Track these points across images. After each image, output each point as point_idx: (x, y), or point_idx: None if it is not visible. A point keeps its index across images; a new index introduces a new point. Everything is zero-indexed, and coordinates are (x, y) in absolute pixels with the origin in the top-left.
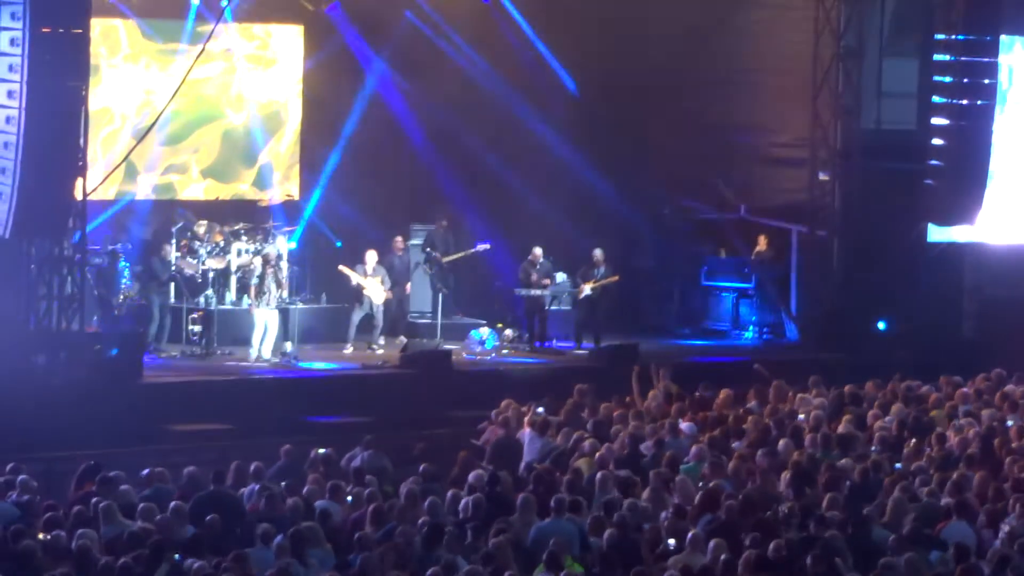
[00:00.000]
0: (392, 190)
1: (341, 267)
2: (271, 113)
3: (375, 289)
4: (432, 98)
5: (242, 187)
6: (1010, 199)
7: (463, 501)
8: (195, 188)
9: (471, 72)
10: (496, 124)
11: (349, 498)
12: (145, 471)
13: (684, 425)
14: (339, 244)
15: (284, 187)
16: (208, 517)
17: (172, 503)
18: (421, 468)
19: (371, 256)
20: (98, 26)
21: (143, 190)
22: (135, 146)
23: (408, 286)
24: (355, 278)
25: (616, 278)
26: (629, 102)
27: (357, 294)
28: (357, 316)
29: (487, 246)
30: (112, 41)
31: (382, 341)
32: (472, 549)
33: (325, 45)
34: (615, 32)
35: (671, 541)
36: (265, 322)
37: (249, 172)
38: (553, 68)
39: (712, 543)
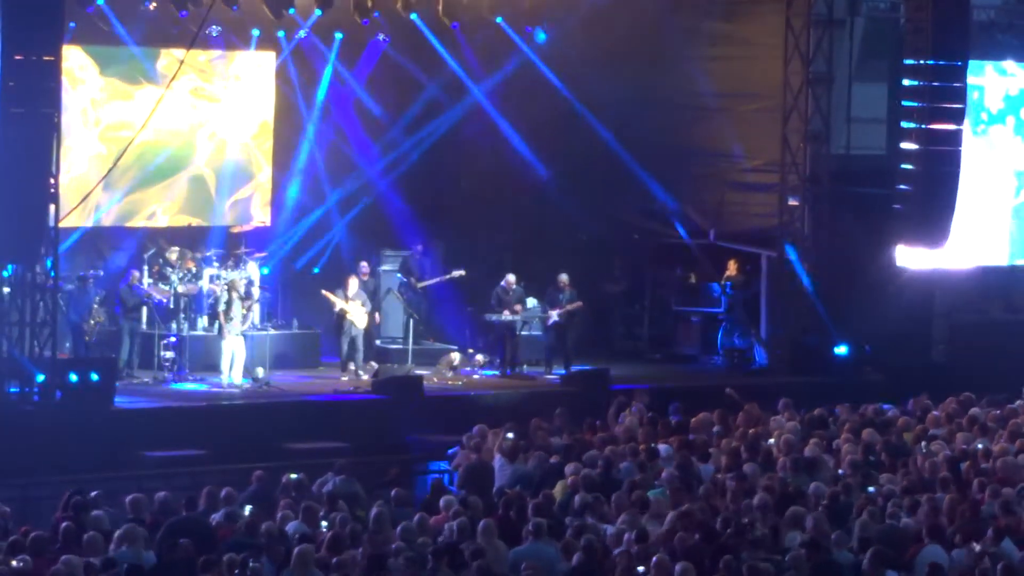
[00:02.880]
0: (365, 215)
1: (324, 292)
2: (243, 146)
3: (358, 313)
4: (403, 124)
5: (219, 217)
6: (980, 222)
7: (446, 526)
8: (166, 217)
9: (440, 98)
10: (468, 148)
11: (324, 523)
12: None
13: (661, 447)
14: (316, 270)
15: (256, 214)
16: (181, 542)
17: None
18: (392, 493)
19: (352, 282)
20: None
21: (114, 217)
22: (106, 174)
23: (377, 314)
24: (338, 303)
25: (580, 304)
26: (599, 127)
27: (338, 320)
28: (345, 342)
29: (462, 272)
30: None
31: (365, 367)
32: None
33: (297, 69)
34: (585, 56)
35: (640, 569)
36: (232, 348)
37: (220, 208)
38: (522, 97)
39: (679, 567)
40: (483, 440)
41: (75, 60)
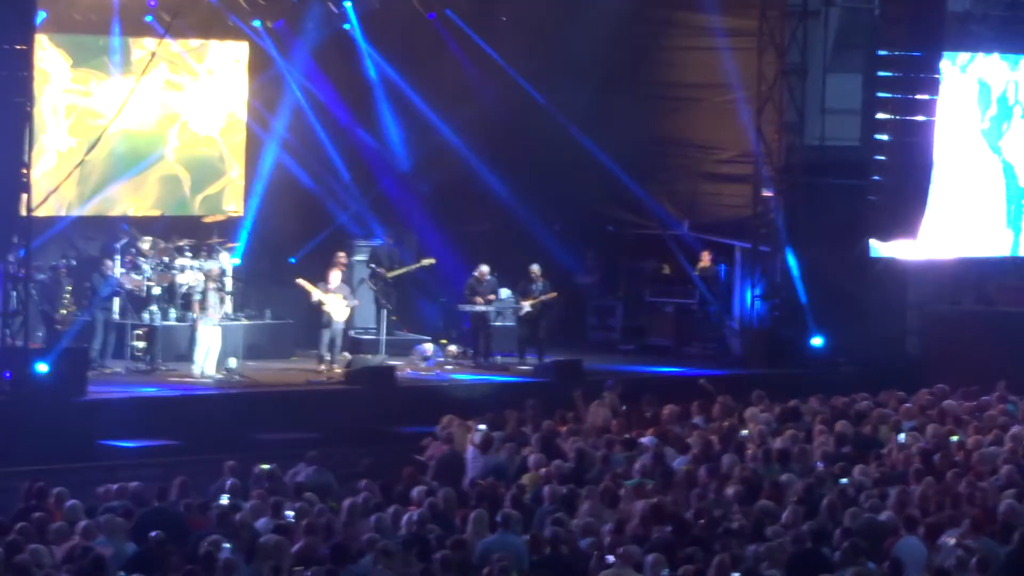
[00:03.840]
0: (336, 205)
1: (300, 281)
2: (214, 140)
3: (336, 306)
4: (375, 117)
5: (192, 208)
6: (953, 213)
7: (405, 516)
8: (138, 208)
9: (414, 91)
10: (439, 139)
11: (290, 513)
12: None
13: (645, 439)
14: (292, 260)
15: (228, 205)
16: (153, 533)
17: (109, 518)
18: (362, 483)
19: (335, 275)
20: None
21: (87, 207)
22: (79, 163)
23: (355, 303)
24: (315, 294)
25: (555, 295)
26: (574, 119)
27: (317, 312)
28: (326, 335)
29: (432, 261)
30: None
31: (338, 357)
32: (405, 563)
33: (269, 60)
34: (557, 48)
35: (609, 557)
36: (208, 338)
37: (192, 201)
38: (495, 89)
39: (651, 558)
40: (455, 431)
41: (45, 51)
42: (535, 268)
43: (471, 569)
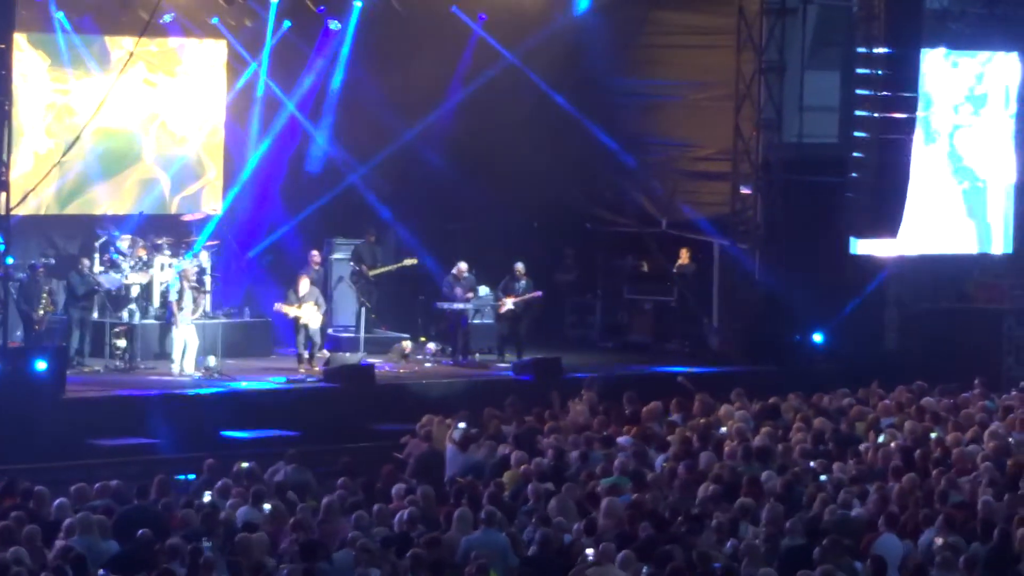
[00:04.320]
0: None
1: (277, 306)
2: (192, 140)
3: (311, 315)
4: (358, 114)
5: (171, 206)
6: (932, 211)
7: (398, 515)
8: (116, 207)
9: (394, 87)
10: (421, 139)
11: (267, 506)
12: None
13: (621, 439)
14: (269, 258)
15: (206, 205)
16: (139, 532)
17: (92, 517)
18: (340, 481)
19: (304, 282)
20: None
21: (65, 206)
22: (57, 163)
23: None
24: (292, 312)
25: (539, 294)
26: (552, 116)
27: (295, 322)
28: (302, 337)
29: (414, 261)
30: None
31: (317, 356)
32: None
33: (247, 57)
34: (538, 46)
35: (588, 552)
36: (185, 337)
37: (171, 203)
38: (473, 84)
39: (620, 556)
40: (434, 428)
41: (22, 52)
42: (519, 266)
43: (448, 567)
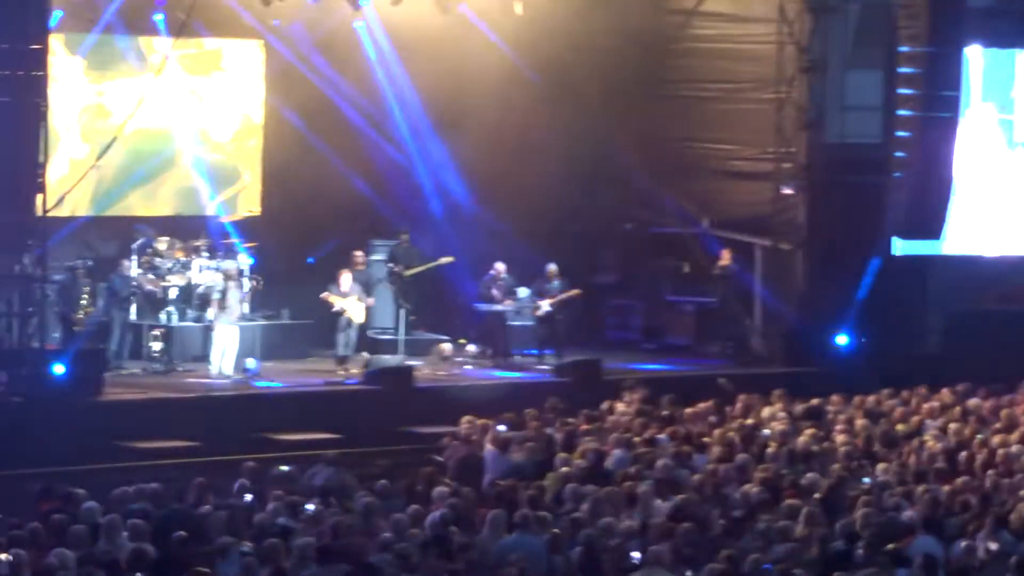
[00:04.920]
0: (354, 204)
1: (323, 295)
2: (229, 143)
3: (355, 309)
4: (394, 115)
5: (208, 208)
6: (975, 211)
7: (430, 516)
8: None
9: (429, 87)
10: (458, 140)
11: (310, 506)
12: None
13: (660, 438)
14: (311, 260)
15: (245, 206)
16: (175, 535)
17: (130, 520)
18: (379, 484)
19: (345, 277)
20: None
21: (103, 207)
22: (94, 163)
23: (370, 301)
24: (337, 303)
25: (577, 292)
26: (592, 116)
27: (336, 317)
28: (342, 338)
29: (451, 259)
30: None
31: (356, 358)
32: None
33: (283, 58)
34: (577, 46)
35: (635, 555)
36: (225, 338)
37: (208, 203)
38: (513, 85)
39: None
40: (474, 431)
41: (55, 55)
42: (552, 267)
43: (484, 570)
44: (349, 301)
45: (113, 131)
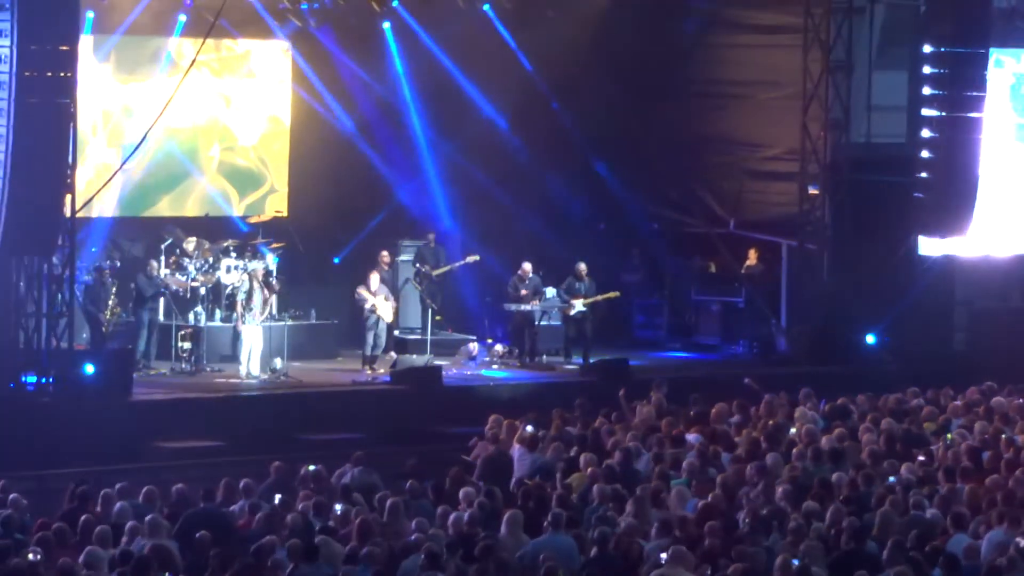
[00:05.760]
0: (382, 205)
1: (359, 290)
2: (256, 146)
3: (384, 308)
4: (421, 116)
5: (235, 209)
6: (1000, 210)
7: (452, 516)
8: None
9: (458, 88)
10: (484, 140)
11: (338, 507)
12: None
13: (690, 437)
14: (337, 260)
15: (272, 207)
16: (198, 534)
17: (158, 520)
18: (408, 484)
19: (374, 277)
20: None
21: (131, 208)
22: (123, 164)
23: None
24: (370, 300)
25: (616, 294)
26: (618, 116)
27: (367, 315)
28: (371, 337)
29: (476, 258)
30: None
31: (383, 358)
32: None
33: (311, 60)
34: (604, 47)
35: (662, 556)
36: (252, 339)
37: (241, 202)
38: (539, 85)
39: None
40: (501, 430)
41: (85, 58)
42: (581, 266)
43: (514, 570)
44: (379, 300)
45: (139, 134)
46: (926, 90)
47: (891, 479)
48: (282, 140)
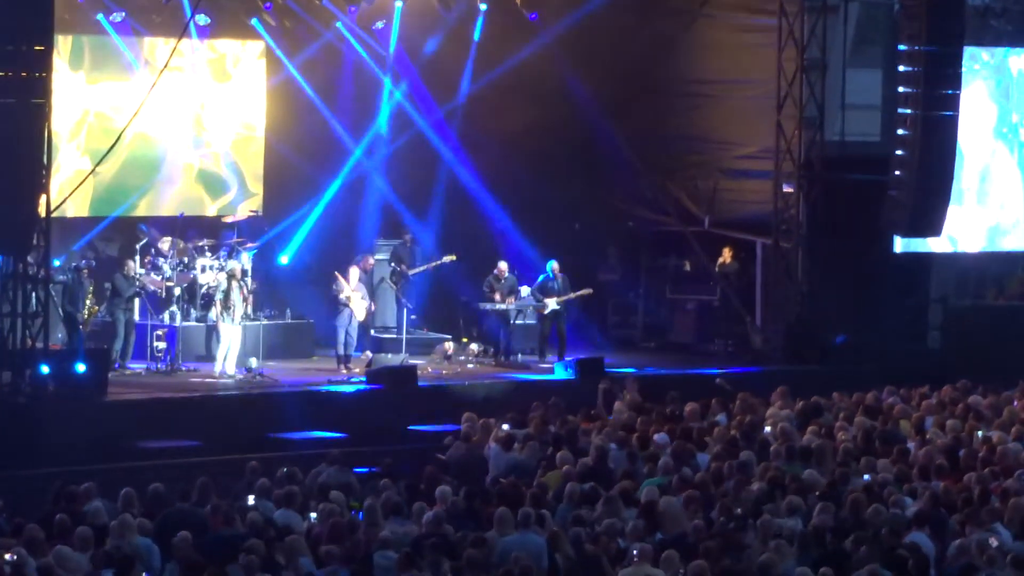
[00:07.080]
0: (357, 205)
1: (337, 273)
2: (232, 144)
3: (359, 305)
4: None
5: (209, 209)
6: (974, 208)
7: (427, 514)
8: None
9: (435, 87)
10: (460, 137)
11: (313, 515)
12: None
13: (657, 437)
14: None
15: (247, 203)
16: (179, 534)
17: (134, 519)
18: (382, 483)
19: (354, 272)
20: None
21: (103, 208)
22: (98, 163)
23: (372, 304)
24: (347, 289)
25: (589, 291)
26: (593, 114)
27: (340, 308)
28: (342, 333)
29: (453, 257)
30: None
31: (358, 357)
32: (433, 564)
33: (287, 59)
34: (578, 44)
35: (635, 552)
36: (230, 337)
37: (214, 204)
38: (515, 83)
39: (664, 555)
40: (476, 429)
41: (59, 54)
42: (554, 265)
43: (486, 568)
44: (354, 295)
45: (114, 135)
46: (901, 88)
47: (865, 477)
48: (256, 143)
